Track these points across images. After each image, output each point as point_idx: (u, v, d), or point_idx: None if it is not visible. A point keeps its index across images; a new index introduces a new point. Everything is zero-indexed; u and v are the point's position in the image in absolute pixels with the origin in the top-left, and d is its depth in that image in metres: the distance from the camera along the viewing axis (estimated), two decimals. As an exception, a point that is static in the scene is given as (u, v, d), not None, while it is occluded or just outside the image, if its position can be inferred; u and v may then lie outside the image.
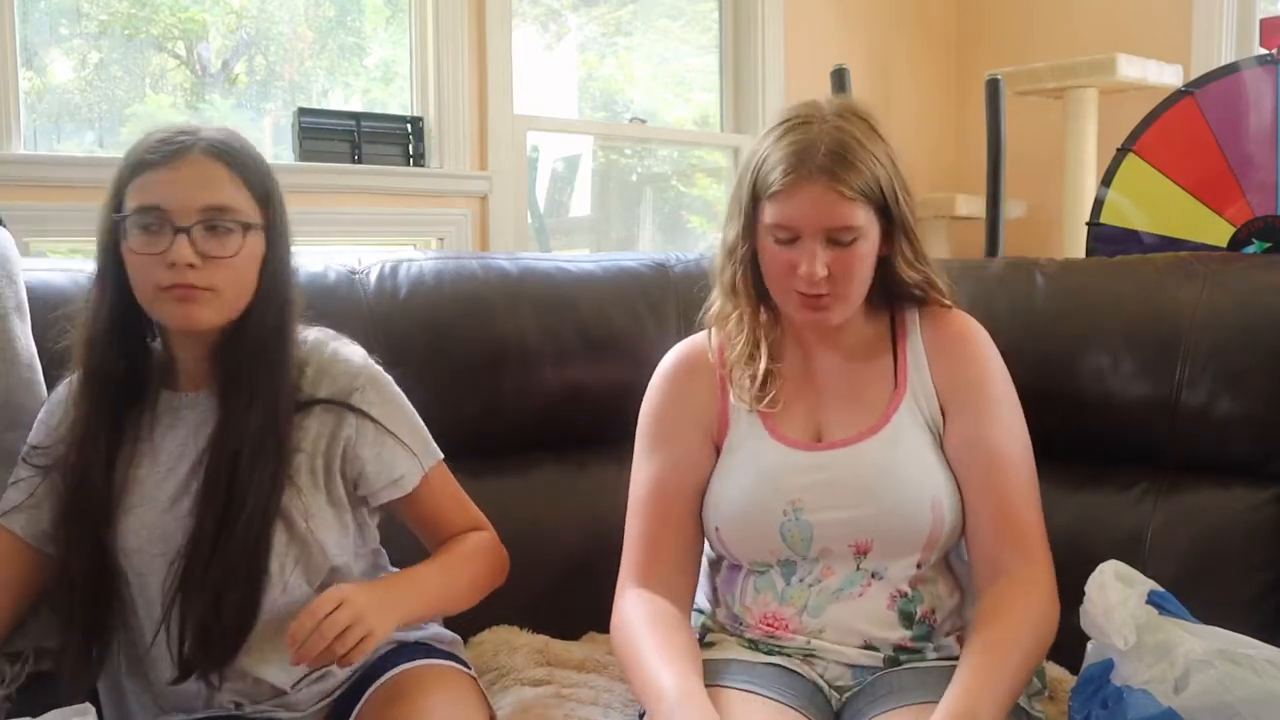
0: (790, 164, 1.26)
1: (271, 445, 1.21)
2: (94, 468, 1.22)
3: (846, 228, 1.27)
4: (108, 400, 1.24)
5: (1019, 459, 1.33)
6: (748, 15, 3.38)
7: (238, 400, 1.21)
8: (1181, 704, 1.18)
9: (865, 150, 1.27)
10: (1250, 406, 1.54)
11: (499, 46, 2.86)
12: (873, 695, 1.26)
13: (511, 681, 1.48)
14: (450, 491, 1.39)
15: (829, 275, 1.27)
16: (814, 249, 1.27)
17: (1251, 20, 3.21)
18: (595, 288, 1.80)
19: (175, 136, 1.20)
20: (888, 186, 1.29)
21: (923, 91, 3.72)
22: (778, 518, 1.32)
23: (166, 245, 1.17)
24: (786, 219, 1.27)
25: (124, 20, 2.56)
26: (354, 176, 2.67)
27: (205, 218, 1.18)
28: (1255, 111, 1.95)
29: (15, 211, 1.96)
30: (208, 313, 1.20)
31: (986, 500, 1.30)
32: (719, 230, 1.44)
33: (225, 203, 1.19)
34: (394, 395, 1.33)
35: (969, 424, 1.33)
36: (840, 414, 1.36)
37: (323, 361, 1.28)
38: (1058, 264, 1.75)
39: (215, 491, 1.20)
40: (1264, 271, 1.64)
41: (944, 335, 1.38)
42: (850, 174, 1.25)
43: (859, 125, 1.29)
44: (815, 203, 1.26)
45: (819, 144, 1.26)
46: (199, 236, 1.18)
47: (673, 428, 1.41)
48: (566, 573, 1.66)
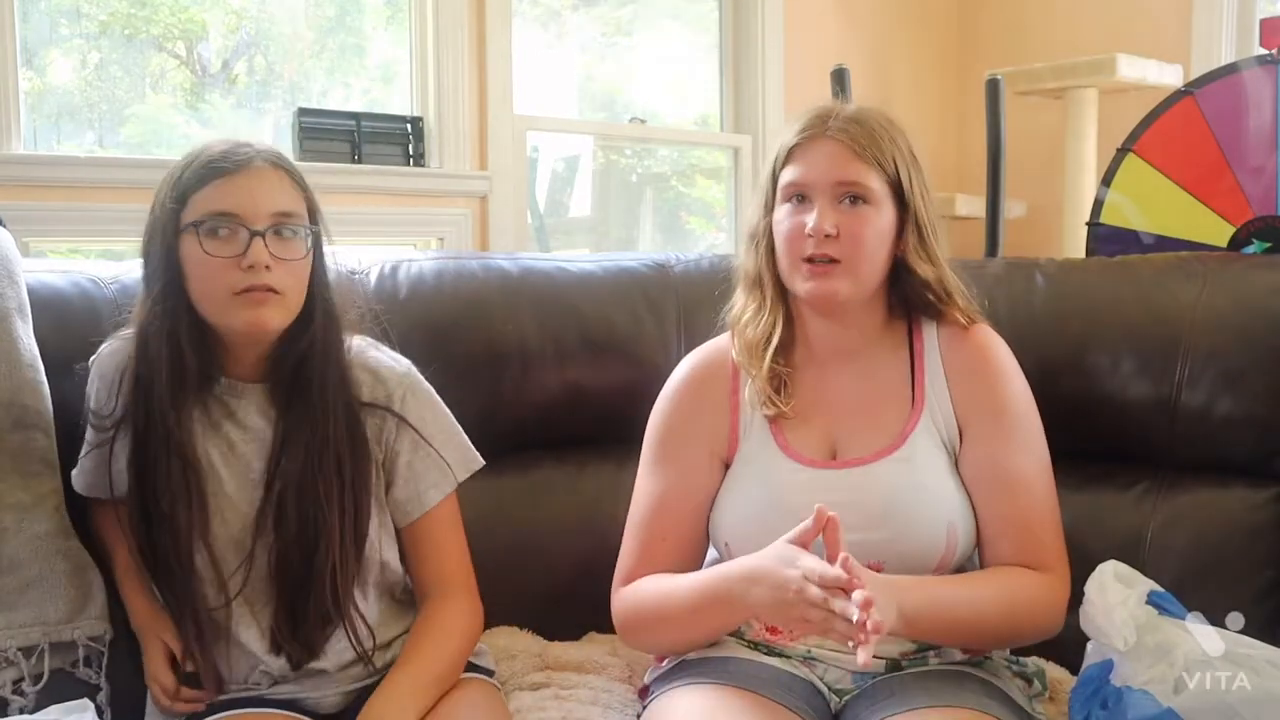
0: (806, 123, 1.31)
1: (348, 450, 1.27)
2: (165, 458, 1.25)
3: (856, 183, 1.28)
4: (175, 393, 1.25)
5: (1038, 479, 1.31)
6: (748, 15, 3.38)
7: (305, 408, 1.26)
8: (1181, 704, 1.18)
9: (883, 129, 1.30)
10: (1250, 406, 1.54)
11: (499, 46, 2.86)
12: (873, 699, 1.25)
13: (511, 687, 1.48)
14: (457, 527, 1.39)
15: (837, 236, 1.27)
16: (824, 206, 1.28)
17: (1251, 20, 3.21)
18: (595, 288, 1.80)
19: (237, 149, 1.25)
20: (903, 167, 1.30)
21: (923, 91, 3.72)
22: None
23: (242, 249, 1.21)
24: (800, 175, 1.30)
25: (124, 20, 2.56)
26: (354, 176, 2.67)
27: (275, 223, 1.23)
28: (1255, 111, 1.95)
29: (15, 211, 1.96)
30: (277, 316, 1.24)
31: (1005, 523, 1.29)
32: (719, 230, 1.45)
33: (291, 208, 1.25)
34: (434, 405, 1.37)
35: (987, 445, 1.31)
36: (855, 432, 1.34)
37: (366, 366, 1.32)
38: (1058, 264, 1.75)
39: (287, 510, 1.25)
40: (1264, 271, 1.64)
41: (963, 353, 1.36)
42: (866, 138, 1.28)
43: (880, 114, 1.33)
44: (828, 156, 1.28)
45: (838, 113, 1.31)
46: (270, 240, 1.22)
47: (680, 446, 1.39)
48: (566, 573, 1.66)
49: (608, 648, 1.57)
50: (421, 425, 1.33)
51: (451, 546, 1.38)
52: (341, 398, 1.28)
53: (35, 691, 1.26)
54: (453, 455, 1.36)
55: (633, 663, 1.53)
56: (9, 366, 1.34)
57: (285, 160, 1.28)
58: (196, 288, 1.23)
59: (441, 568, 1.36)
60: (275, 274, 1.22)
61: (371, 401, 1.31)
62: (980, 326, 1.38)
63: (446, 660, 1.31)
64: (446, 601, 1.35)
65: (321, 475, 1.25)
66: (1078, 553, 1.37)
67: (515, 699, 1.44)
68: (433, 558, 1.36)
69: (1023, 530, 1.29)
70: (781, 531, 1.27)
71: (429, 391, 1.37)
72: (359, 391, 1.30)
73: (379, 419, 1.31)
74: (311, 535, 1.24)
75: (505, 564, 1.67)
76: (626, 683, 1.49)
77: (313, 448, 1.25)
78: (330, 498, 1.25)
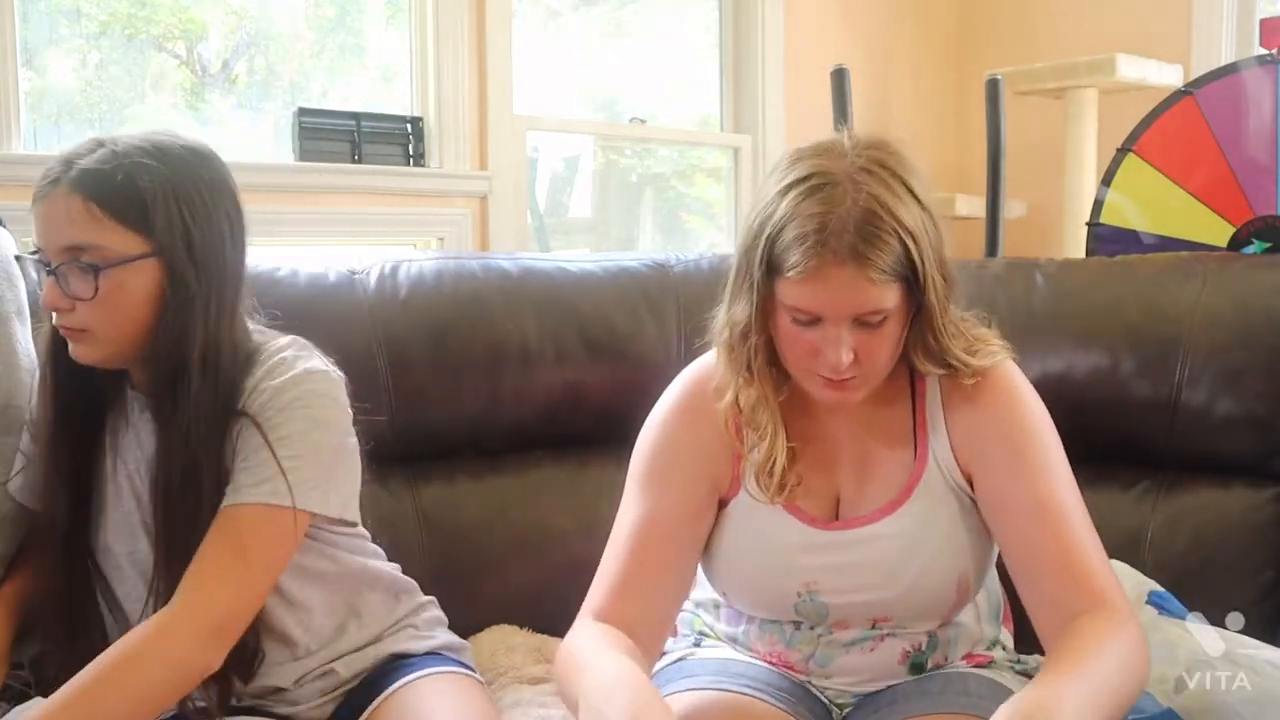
0: (812, 244, 1.09)
1: (202, 464, 1.15)
2: (63, 465, 1.22)
3: (876, 311, 1.11)
4: (69, 405, 1.23)
5: (1069, 505, 1.17)
6: (748, 15, 3.38)
7: (169, 419, 1.17)
8: (1181, 704, 1.18)
9: (895, 219, 1.09)
10: (1250, 406, 1.54)
11: (499, 46, 2.86)
12: (875, 706, 1.23)
13: (510, 680, 1.49)
14: (253, 548, 1.13)
15: (855, 359, 1.13)
16: (839, 335, 1.11)
17: (1251, 20, 3.21)
18: (595, 288, 1.80)
19: (53, 168, 1.14)
20: (918, 260, 1.11)
21: (923, 91, 3.72)
22: (791, 598, 1.24)
23: (49, 287, 1.15)
24: (809, 304, 1.11)
25: (124, 20, 2.56)
26: (354, 176, 2.67)
27: (67, 257, 1.14)
28: (1255, 111, 1.96)
29: (15, 212, 1.95)
30: (92, 352, 1.17)
31: (1043, 556, 1.14)
32: (719, 230, 1.42)
33: (81, 241, 1.12)
34: (305, 421, 1.17)
35: (998, 477, 1.19)
36: (858, 487, 1.25)
37: (260, 374, 1.19)
38: (1057, 264, 1.75)
39: (168, 508, 1.17)
40: (1264, 271, 1.64)
41: (962, 389, 1.22)
42: (880, 253, 1.08)
43: (888, 183, 1.11)
44: (842, 289, 1.09)
45: (845, 220, 1.08)
46: (68, 277, 1.13)
47: (675, 469, 1.26)
48: (566, 573, 1.65)
49: (608, 648, 1.57)
50: (272, 428, 1.15)
51: (234, 549, 1.12)
52: (203, 413, 1.15)
53: None
54: (295, 475, 1.14)
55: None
56: (6, 369, 1.33)
57: (102, 177, 1.12)
58: None
59: (206, 561, 1.12)
60: (78, 313, 1.14)
61: (242, 408, 1.17)
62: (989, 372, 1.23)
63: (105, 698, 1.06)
64: (175, 602, 1.11)
65: (187, 488, 1.15)
66: (1078, 553, 1.37)
67: (515, 691, 1.44)
68: (215, 545, 1.13)
69: (1064, 563, 1.13)
70: (783, 589, 1.23)
71: (309, 404, 1.17)
72: (240, 401, 1.17)
73: (239, 424, 1.17)
74: (185, 546, 1.13)
75: (505, 563, 1.67)
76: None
77: (176, 460, 1.15)
78: (198, 506, 1.15)
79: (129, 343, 1.17)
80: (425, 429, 1.67)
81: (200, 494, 1.15)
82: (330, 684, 1.29)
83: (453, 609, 1.45)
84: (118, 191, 1.13)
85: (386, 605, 1.35)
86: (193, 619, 1.10)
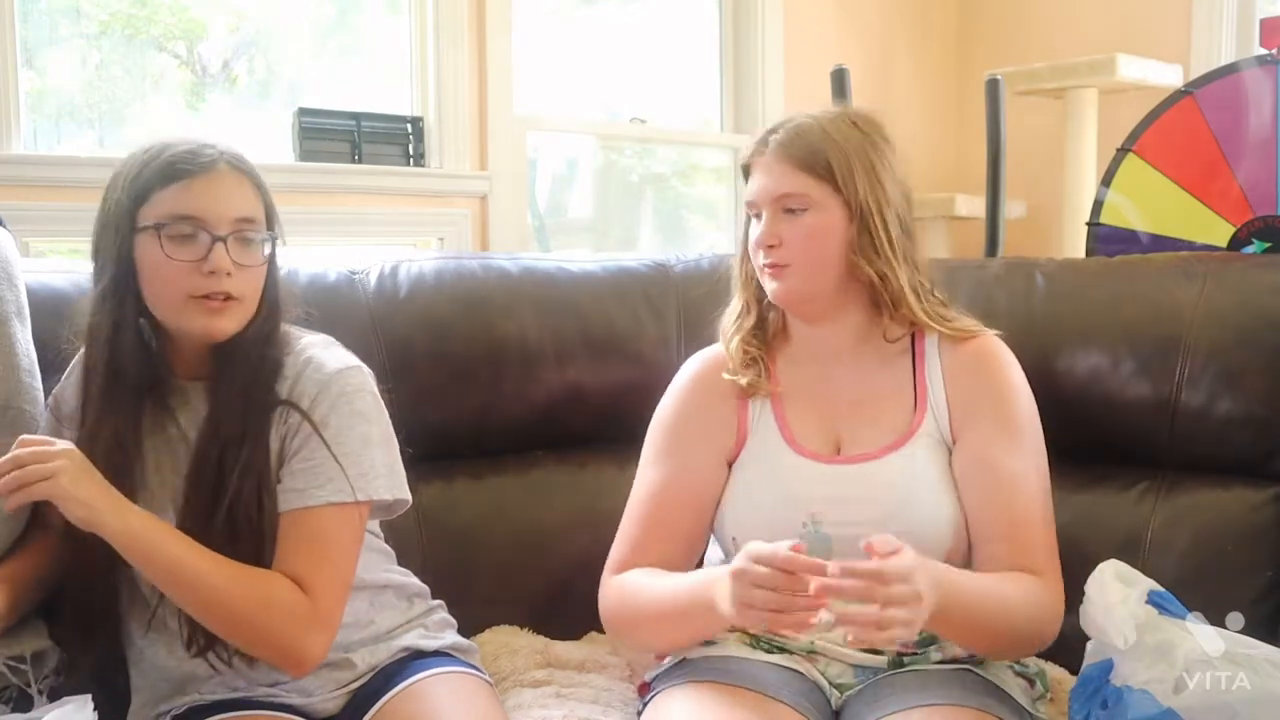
0: (756, 143, 1.38)
1: (251, 437, 1.23)
2: (106, 456, 1.21)
3: (790, 194, 1.33)
4: (117, 392, 1.24)
5: (1031, 481, 1.32)
6: (748, 15, 3.38)
7: (228, 396, 1.24)
8: (1181, 704, 1.18)
9: (827, 134, 1.34)
10: (1250, 406, 1.54)
11: (499, 46, 2.86)
12: (874, 697, 1.25)
13: (512, 684, 1.48)
14: (337, 543, 1.24)
15: (782, 244, 1.33)
16: (769, 219, 1.35)
17: (1251, 20, 3.21)
18: (595, 288, 1.80)
19: (202, 149, 1.23)
20: (846, 170, 1.32)
21: (923, 91, 3.71)
22: (796, 529, 1.30)
23: (203, 254, 1.20)
24: (749, 194, 1.38)
25: (124, 20, 2.56)
26: (354, 176, 2.67)
27: (238, 229, 1.22)
28: (1255, 111, 1.95)
29: (15, 211, 1.95)
30: (232, 323, 1.23)
31: (997, 523, 1.29)
32: (719, 230, 1.48)
33: (252, 214, 1.24)
34: (352, 414, 1.26)
35: (980, 445, 1.33)
36: (859, 429, 1.36)
37: (299, 365, 1.28)
38: (1057, 264, 1.75)
39: (203, 479, 1.22)
40: (1264, 271, 1.64)
41: (960, 356, 1.38)
42: (800, 148, 1.33)
43: (836, 119, 1.36)
44: (766, 172, 1.35)
45: (782, 125, 1.37)
46: (232, 246, 1.21)
47: (685, 441, 1.41)
48: (567, 573, 1.66)
49: (608, 647, 1.57)
50: (324, 426, 1.24)
51: (317, 552, 1.22)
52: (258, 395, 1.24)
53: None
54: (353, 469, 1.24)
55: (633, 662, 1.53)
56: (5, 370, 1.33)
57: (247, 163, 1.26)
58: (152, 289, 1.22)
59: (296, 565, 1.21)
60: (235, 280, 1.21)
61: (286, 399, 1.26)
62: (984, 335, 1.39)
63: (225, 573, 1.17)
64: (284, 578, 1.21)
65: (238, 469, 1.21)
66: (1078, 553, 1.37)
67: (517, 695, 1.44)
68: (298, 552, 1.22)
69: (1014, 530, 1.29)
70: (789, 524, 1.30)
71: (352, 400, 1.27)
72: (281, 387, 1.26)
73: (285, 414, 1.25)
74: (227, 527, 1.20)
75: (505, 563, 1.67)
76: (627, 682, 1.49)
77: (230, 442, 1.22)
78: (243, 488, 1.21)
79: (250, 316, 1.25)
80: (425, 429, 1.66)
81: (237, 462, 1.21)
82: (345, 676, 1.30)
83: (453, 609, 1.45)
84: (260, 178, 1.27)
85: (401, 604, 1.38)
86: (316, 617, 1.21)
